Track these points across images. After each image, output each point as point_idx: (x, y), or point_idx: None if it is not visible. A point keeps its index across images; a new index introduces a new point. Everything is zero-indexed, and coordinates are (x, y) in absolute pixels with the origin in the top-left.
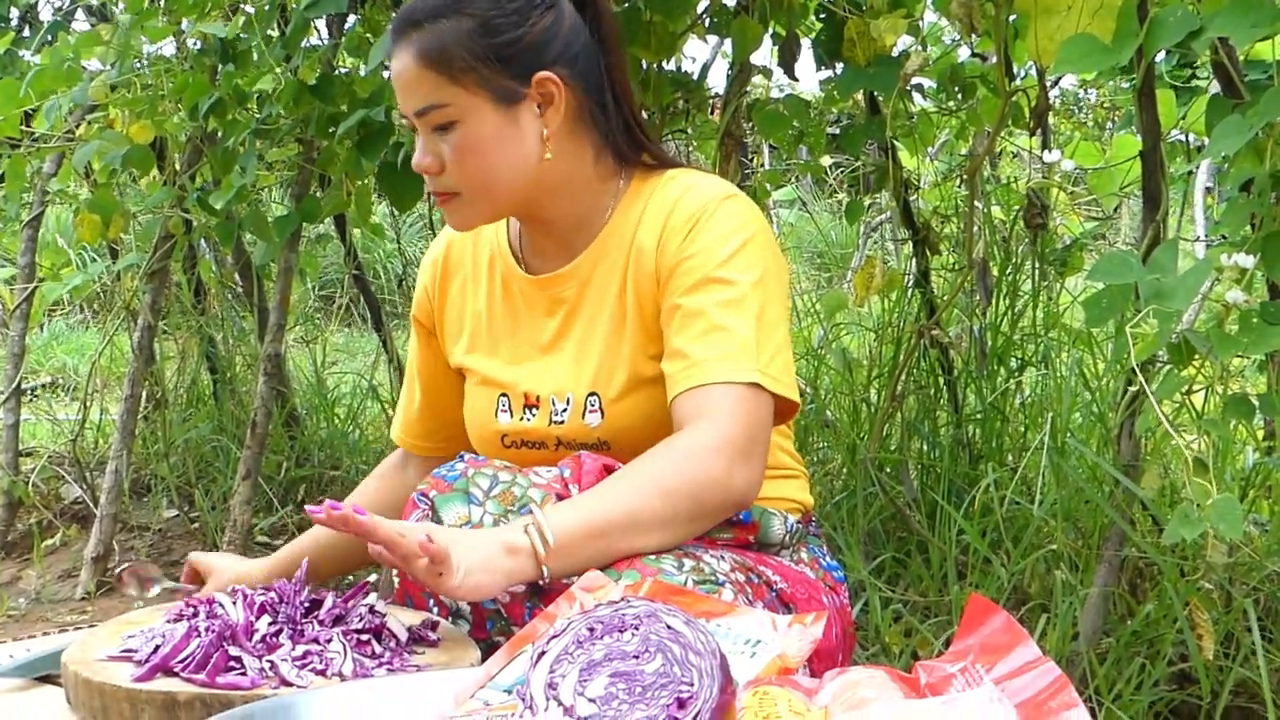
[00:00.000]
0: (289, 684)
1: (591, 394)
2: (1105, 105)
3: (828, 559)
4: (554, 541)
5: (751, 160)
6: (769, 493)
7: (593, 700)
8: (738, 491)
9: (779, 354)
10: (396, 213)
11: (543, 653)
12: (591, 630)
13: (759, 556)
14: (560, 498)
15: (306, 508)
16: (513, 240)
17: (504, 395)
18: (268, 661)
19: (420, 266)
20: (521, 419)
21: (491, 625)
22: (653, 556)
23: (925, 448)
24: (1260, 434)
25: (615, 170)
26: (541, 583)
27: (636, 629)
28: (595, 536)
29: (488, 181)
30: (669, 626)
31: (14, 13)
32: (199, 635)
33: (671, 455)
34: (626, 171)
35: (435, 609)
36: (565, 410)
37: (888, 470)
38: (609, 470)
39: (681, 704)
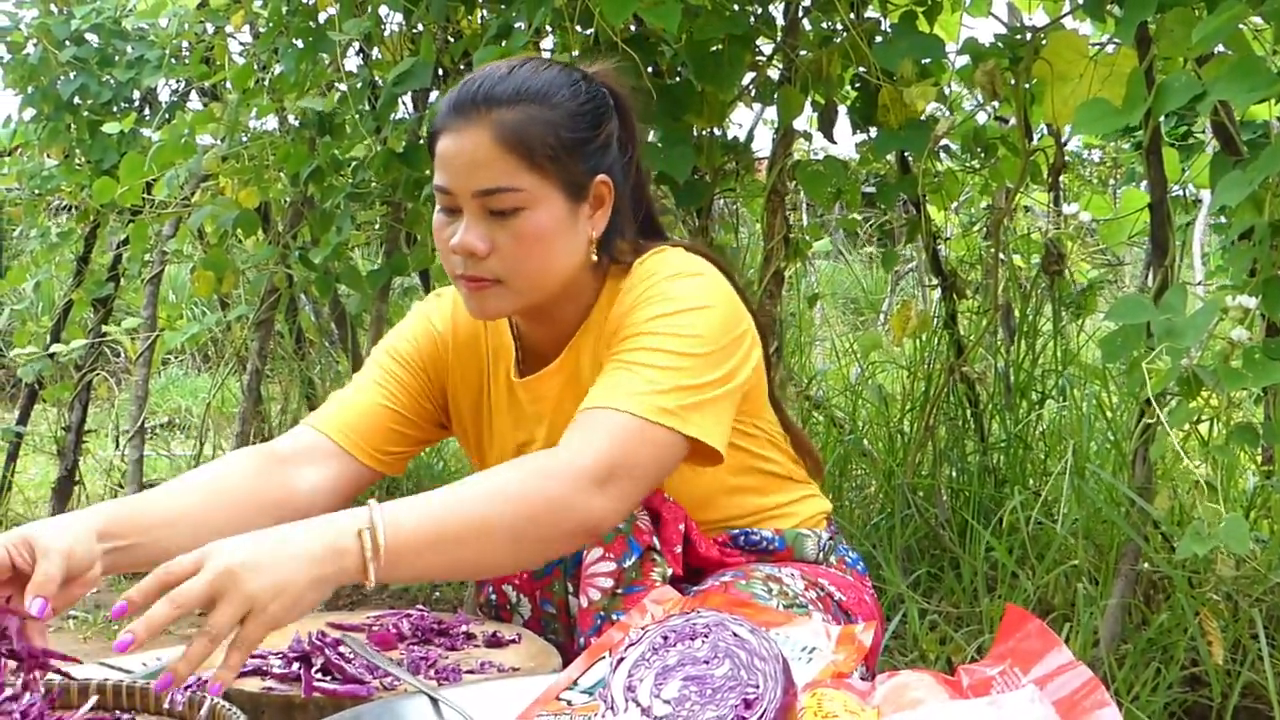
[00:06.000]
0: (390, 689)
1: None
2: (1108, 163)
3: (850, 554)
4: (386, 551)
5: (790, 216)
6: (799, 513)
7: (668, 701)
8: (586, 521)
9: (703, 404)
10: None
11: (621, 659)
12: (665, 638)
13: (813, 569)
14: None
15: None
16: (513, 337)
17: None
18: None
19: (424, 313)
20: None
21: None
22: (743, 581)
23: (955, 473)
24: (1259, 459)
25: (604, 265)
26: (367, 585)
27: (706, 637)
28: (435, 545)
29: (540, 273)
30: (735, 634)
31: (136, 94)
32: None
33: (521, 470)
34: (607, 264)
35: (522, 619)
36: None
37: (921, 494)
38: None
39: (749, 704)
